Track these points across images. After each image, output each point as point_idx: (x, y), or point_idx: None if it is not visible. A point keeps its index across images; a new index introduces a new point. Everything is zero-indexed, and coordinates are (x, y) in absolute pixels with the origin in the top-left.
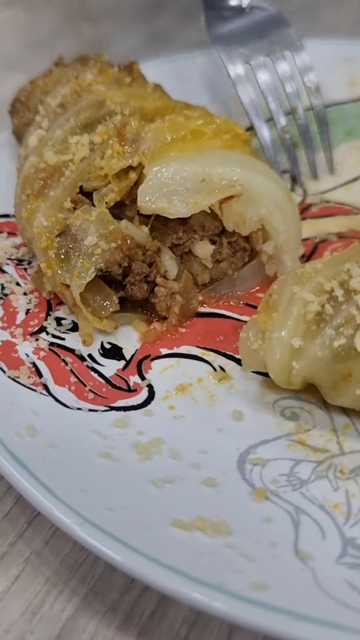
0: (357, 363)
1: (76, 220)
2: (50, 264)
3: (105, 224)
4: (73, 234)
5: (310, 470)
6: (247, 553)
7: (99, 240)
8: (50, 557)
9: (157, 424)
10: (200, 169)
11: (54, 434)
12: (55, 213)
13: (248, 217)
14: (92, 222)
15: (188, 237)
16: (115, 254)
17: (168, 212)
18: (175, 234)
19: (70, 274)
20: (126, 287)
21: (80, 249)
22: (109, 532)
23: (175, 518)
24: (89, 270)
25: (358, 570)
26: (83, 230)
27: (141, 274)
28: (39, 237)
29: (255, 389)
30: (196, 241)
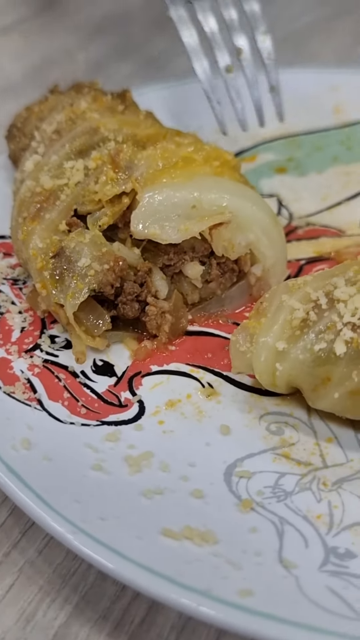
0: (336, 367)
1: (70, 242)
2: (45, 284)
3: (98, 246)
4: (67, 255)
5: (295, 483)
6: (233, 561)
7: (92, 261)
8: (44, 567)
9: (147, 438)
10: (191, 195)
11: (48, 447)
12: (51, 235)
13: (237, 242)
14: (85, 244)
15: (179, 258)
16: (108, 275)
17: (160, 238)
18: (167, 255)
19: (64, 294)
20: (118, 306)
21: (74, 270)
22: (102, 541)
23: (165, 527)
24: (82, 291)
25: (339, 577)
26: (77, 252)
27: (133, 293)
28: (35, 259)
29: (242, 405)
30: (186, 262)
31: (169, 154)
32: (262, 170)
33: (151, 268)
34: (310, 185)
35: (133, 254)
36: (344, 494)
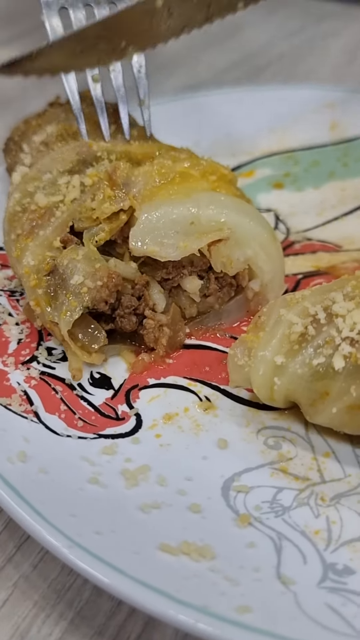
0: (335, 382)
1: (63, 259)
2: (39, 302)
3: (92, 262)
4: (60, 273)
5: (292, 498)
6: (231, 577)
7: (85, 278)
8: (39, 581)
9: (144, 451)
10: (189, 212)
11: (45, 460)
12: (44, 252)
13: (235, 258)
14: (78, 260)
15: (177, 272)
16: (102, 291)
17: (159, 256)
18: (165, 269)
19: (58, 312)
20: (116, 319)
21: (67, 288)
22: (98, 555)
23: (162, 542)
24: (76, 308)
25: (338, 594)
26: (70, 269)
27: (130, 307)
28: (27, 276)
29: (239, 419)
30: (185, 276)
31: (165, 169)
32: (260, 186)
33: (148, 281)
34: (307, 201)
35: (130, 268)
36: (342, 510)
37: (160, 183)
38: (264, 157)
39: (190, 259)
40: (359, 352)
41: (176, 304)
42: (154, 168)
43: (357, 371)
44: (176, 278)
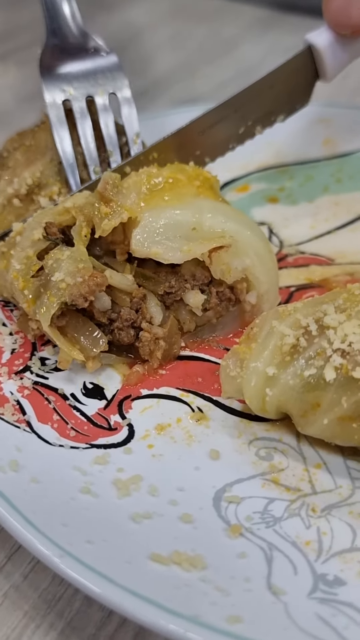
0: (326, 393)
1: (49, 260)
2: (29, 303)
3: (76, 262)
4: (46, 273)
5: (284, 509)
6: (222, 587)
7: (65, 276)
8: (29, 592)
9: (137, 461)
10: (191, 218)
11: (37, 470)
12: (26, 250)
13: (233, 266)
14: (63, 260)
15: (179, 286)
16: (81, 287)
17: (162, 258)
18: (168, 283)
19: (39, 309)
20: (114, 331)
21: (48, 286)
22: (89, 565)
23: (153, 552)
24: (53, 304)
25: (328, 604)
26: (54, 268)
27: (129, 320)
28: (16, 280)
29: (231, 430)
30: (187, 290)
31: (153, 177)
32: (255, 200)
33: (145, 294)
34: (301, 214)
35: (126, 280)
36: (332, 521)
37: (150, 191)
38: (258, 171)
39: (192, 271)
40: (350, 364)
41: (175, 317)
42: (142, 178)
43: (348, 382)
44: (179, 292)
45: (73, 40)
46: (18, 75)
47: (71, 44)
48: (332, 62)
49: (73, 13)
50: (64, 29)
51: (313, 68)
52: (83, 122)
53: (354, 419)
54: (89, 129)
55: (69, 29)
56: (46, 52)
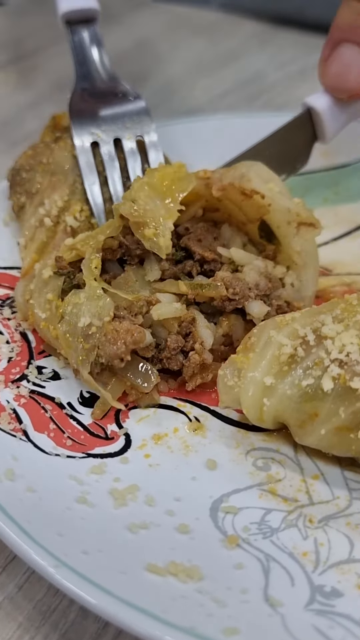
0: (323, 403)
1: (67, 306)
2: (65, 350)
3: (95, 301)
4: (67, 320)
5: (281, 519)
6: (218, 598)
7: (91, 318)
8: (24, 603)
9: (133, 471)
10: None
11: (33, 479)
12: (44, 295)
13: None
14: (82, 304)
15: (243, 293)
16: (116, 346)
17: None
18: (232, 289)
19: (75, 358)
20: (162, 360)
21: (76, 333)
22: (84, 575)
23: (150, 563)
24: (91, 352)
25: (325, 616)
26: (75, 314)
27: (177, 348)
28: (47, 330)
29: (228, 440)
30: (251, 300)
31: (161, 172)
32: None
33: (195, 317)
34: None
35: (174, 309)
36: (330, 532)
37: (168, 187)
38: None
39: (257, 281)
40: (347, 374)
41: (227, 333)
42: (151, 179)
43: (346, 392)
44: (242, 300)
45: (101, 85)
46: (18, 83)
47: (99, 88)
48: (331, 125)
49: (102, 58)
50: (93, 73)
51: (312, 130)
52: (111, 165)
53: (351, 430)
54: (117, 172)
55: (98, 73)
56: (75, 95)
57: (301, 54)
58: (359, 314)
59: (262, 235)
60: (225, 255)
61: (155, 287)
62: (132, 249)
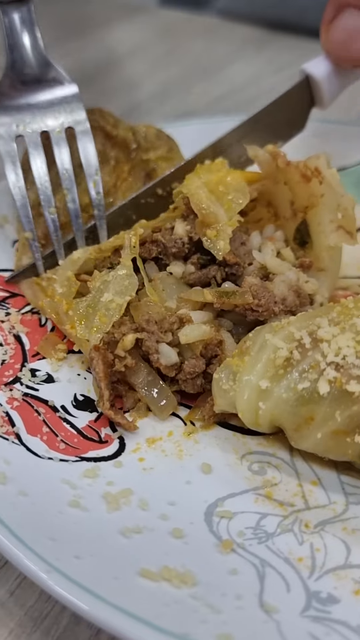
0: (319, 407)
1: (96, 282)
2: (73, 324)
3: (122, 279)
4: (92, 295)
5: (276, 524)
6: (212, 604)
7: (114, 295)
8: (15, 609)
9: (127, 475)
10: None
11: (25, 483)
12: (67, 273)
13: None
14: (110, 282)
15: (268, 307)
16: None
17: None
18: (257, 300)
19: (89, 329)
20: (178, 382)
21: (97, 306)
22: (76, 581)
23: (143, 568)
24: (105, 324)
25: (321, 623)
26: (101, 291)
27: (193, 373)
28: (60, 303)
29: (224, 444)
30: (274, 316)
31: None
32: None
33: (222, 340)
34: None
35: (201, 329)
36: (326, 537)
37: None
38: None
39: (285, 295)
40: (344, 377)
41: None
42: (209, 178)
43: (342, 396)
44: (265, 313)
45: (31, 71)
46: None
47: (29, 75)
48: (329, 91)
49: (34, 42)
50: (25, 59)
51: (309, 96)
52: (36, 160)
53: (347, 433)
54: (42, 166)
55: (29, 59)
56: (4, 83)
57: (298, 59)
58: (355, 317)
59: (296, 238)
60: (259, 260)
61: (181, 297)
62: (168, 247)
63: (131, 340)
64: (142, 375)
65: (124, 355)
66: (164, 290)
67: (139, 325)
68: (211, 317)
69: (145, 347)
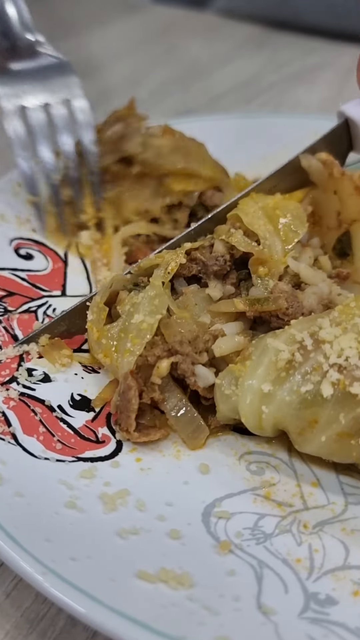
0: (323, 409)
1: (125, 306)
2: (107, 353)
3: (151, 299)
4: (124, 319)
5: (274, 525)
6: (210, 606)
7: (145, 316)
8: (11, 610)
9: (124, 475)
10: None
11: (21, 483)
12: (96, 299)
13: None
14: (139, 303)
15: (294, 313)
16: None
17: None
18: (286, 306)
19: (122, 356)
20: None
21: (129, 329)
22: (72, 583)
23: (140, 569)
24: (137, 345)
25: (320, 625)
26: (132, 314)
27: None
28: (91, 330)
29: (222, 444)
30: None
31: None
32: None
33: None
34: None
35: (235, 343)
36: (324, 537)
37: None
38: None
39: (312, 308)
40: (347, 379)
41: None
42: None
43: (346, 398)
44: (289, 320)
45: (22, 44)
46: None
47: (21, 47)
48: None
49: (21, 13)
50: (14, 30)
51: (348, 140)
52: (41, 133)
53: (352, 436)
54: (47, 141)
55: (17, 30)
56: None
57: (297, 57)
58: (356, 316)
59: (336, 248)
60: (293, 268)
61: (212, 310)
62: (209, 265)
63: (167, 367)
64: (173, 402)
65: (159, 383)
66: (196, 304)
67: (172, 347)
68: (243, 327)
69: (180, 370)
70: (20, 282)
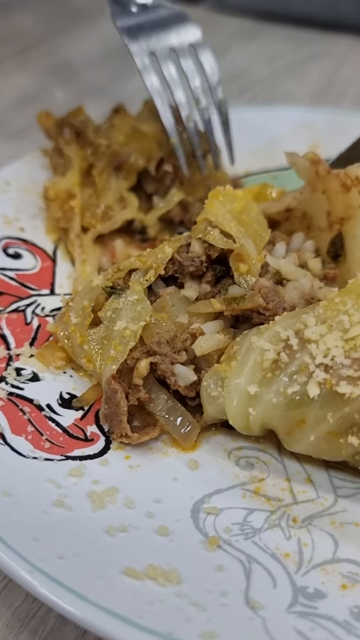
0: (310, 410)
1: (107, 312)
2: (90, 358)
3: (133, 305)
4: (105, 325)
5: (263, 519)
6: (197, 602)
7: (128, 323)
8: (2, 610)
9: (113, 473)
10: None
11: (8, 483)
12: (83, 302)
13: None
14: (121, 309)
15: (274, 312)
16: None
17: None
18: (264, 304)
19: (105, 362)
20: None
21: (111, 336)
22: (59, 581)
23: (127, 567)
24: (120, 352)
25: (308, 619)
26: (113, 320)
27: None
28: (74, 334)
29: (211, 440)
30: None
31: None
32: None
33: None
34: None
35: (217, 341)
36: (314, 531)
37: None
38: (247, 176)
39: (294, 302)
40: (333, 378)
41: None
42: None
43: (333, 398)
44: (269, 318)
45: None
46: (12, 80)
47: (139, 3)
48: None
49: None
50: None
51: None
52: (175, 82)
53: (341, 434)
54: (181, 88)
55: None
56: (117, 13)
57: (288, 49)
58: (341, 312)
59: (330, 251)
60: (273, 265)
61: (190, 310)
62: (185, 266)
63: (146, 367)
64: (160, 403)
65: (141, 384)
66: (173, 305)
67: (150, 348)
68: (223, 325)
69: (160, 370)
70: (8, 282)
